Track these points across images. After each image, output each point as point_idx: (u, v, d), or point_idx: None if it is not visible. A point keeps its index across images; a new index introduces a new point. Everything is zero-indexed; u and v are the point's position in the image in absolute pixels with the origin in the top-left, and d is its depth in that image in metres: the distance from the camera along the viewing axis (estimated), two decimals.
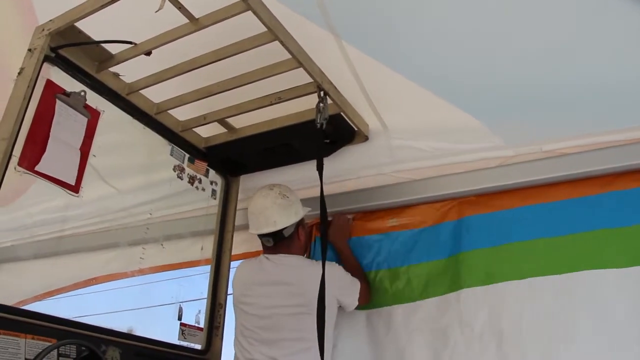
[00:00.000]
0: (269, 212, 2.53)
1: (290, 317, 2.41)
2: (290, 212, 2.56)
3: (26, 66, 2.00)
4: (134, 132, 2.59)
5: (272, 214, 2.53)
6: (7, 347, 1.76)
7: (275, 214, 2.53)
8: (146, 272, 3.15)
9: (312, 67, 2.22)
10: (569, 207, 2.40)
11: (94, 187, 2.85)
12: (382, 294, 2.72)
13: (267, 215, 2.53)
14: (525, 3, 1.97)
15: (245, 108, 2.55)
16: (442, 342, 2.48)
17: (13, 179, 1.92)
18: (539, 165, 2.49)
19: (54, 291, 3.78)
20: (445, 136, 2.62)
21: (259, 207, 2.57)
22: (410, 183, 2.78)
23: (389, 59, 2.28)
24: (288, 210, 2.55)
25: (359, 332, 2.72)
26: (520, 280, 2.40)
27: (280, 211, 2.53)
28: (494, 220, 2.55)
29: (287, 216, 2.54)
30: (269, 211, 2.53)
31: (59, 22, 2.02)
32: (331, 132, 2.53)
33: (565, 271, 2.32)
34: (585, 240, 2.32)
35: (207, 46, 2.19)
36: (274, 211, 2.53)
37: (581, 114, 2.31)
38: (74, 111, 2.15)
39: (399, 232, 2.78)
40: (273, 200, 2.55)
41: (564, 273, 2.32)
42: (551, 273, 2.35)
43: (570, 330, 2.24)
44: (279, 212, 2.53)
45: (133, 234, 3.19)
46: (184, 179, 2.77)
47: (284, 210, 2.54)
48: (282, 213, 2.53)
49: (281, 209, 2.54)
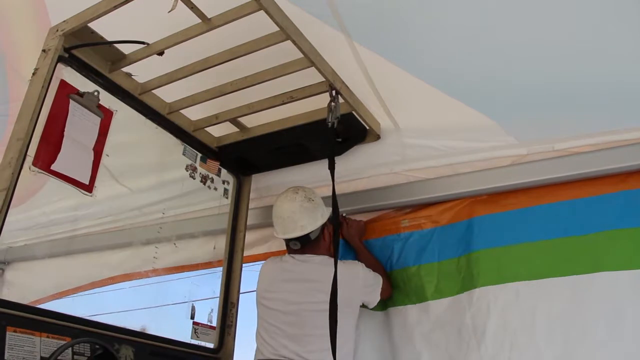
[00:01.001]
0: (297, 216, 2.54)
1: (316, 314, 2.40)
2: (317, 216, 2.57)
3: (40, 67, 2.01)
4: (147, 132, 2.61)
5: (300, 218, 2.54)
6: (23, 345, 1.77)
7: (303, 218, 2.54)
8: (160, 273, 3.17)
9: (324, 66, 2.22)
10: (581, 207, 2.37)
11: (107, 187, 2.87)
12: (396, 294, 2.72)
13: (295, 219, 2.54)
14: (540, 2, 1.96)
15: (257, 107, 2.56)
16: (455, 343, 2.47)
17: (27, 179, 1.94)
18: (551, 164, 2.46)
19: (68, 290, 3.81)
20: (457, 135, 2.60)
21: (286, 211, 2.57)
22: (422, 182, 2.77)
23: (401, 58, 2.28)
24: (315, 214, 2.57)
25: (375, 332, 2.72)
26: (532, 281, 2.38)
27: (307, 215, 2.55)
28: (506, 219, 2.53)
29: (314, 219, 2.56)
30: (297, 215, 2.54)
31: (73, 22, 2.03)
32: (343, 131, 2.54)
33: (579, 272, 2.29)
34: (598, 240, 2.29)
35: (220, 46, 2.19)
36: (301, 215, 2.54)
37: (594, 112, 2.30)
38: (87, 111, 2.16)
39: (411, 232, 2.77)
40: (300, 204, 2.55)
41: (577, 274, 2.29)
42: (565, 274, 2.32)
43: (584, 332, 2.22)
44: (306, 216, 2.54)
45: (146, 233, 3.22)
46: (196, 179, 2.78)
47: (311, 213, 2.56)
48: (310, 216, 2.55)
49: (308, 212, 2.55)
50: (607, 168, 2.35)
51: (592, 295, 2.25)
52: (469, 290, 2.50)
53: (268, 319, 2.52)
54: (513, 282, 2.42)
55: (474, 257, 2.53)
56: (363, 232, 2.88)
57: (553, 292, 2.32)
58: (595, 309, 2.22)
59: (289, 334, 2.44)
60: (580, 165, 2.40)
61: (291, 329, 2.44)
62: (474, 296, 2.48)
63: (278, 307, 2.51)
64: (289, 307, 2.48)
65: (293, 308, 2.47)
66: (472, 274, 2.51)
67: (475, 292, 2.48)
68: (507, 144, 2.54)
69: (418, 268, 2.69)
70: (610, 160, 2.34)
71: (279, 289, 2.55)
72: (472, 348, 2.41)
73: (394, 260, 2.78)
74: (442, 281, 2.61)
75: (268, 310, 2.54)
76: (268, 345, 2.46)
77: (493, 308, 2.42)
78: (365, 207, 2.89)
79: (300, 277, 2.53)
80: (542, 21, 2.00)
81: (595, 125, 2.35)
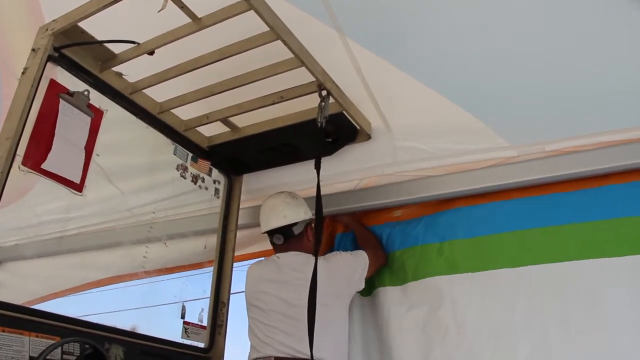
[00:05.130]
0: (279, 208, 2.63)
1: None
2: (299, 210, 2.65)
3: (30, 66, 2.01)
4: (137, 132, 2.61)
5: (283, 209, 2.63)
6: (12, 345, 1.77)
7: (285, 209, 2.62)
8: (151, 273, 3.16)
9: (314, 66, 2.23)
10: (565, 199, 2.42)
11: (97, 186, 2.86)
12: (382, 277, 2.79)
13: (277, 211, 2.63)
14: (530, 4, 1.97)
15: (248, 107, 2.56)
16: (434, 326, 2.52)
17: (17, 178, 1.93)
18: (541, 165, 2.48)
19: (59, 292, 3.79)
20: (449, 137, 2.62)
21: (269, 206, 2.68)
22: (412, 182, 2.78)
23: (395, 57, 2.29)
24: (297, 208, 2.65)
25: (362, 313, 2.81)
26: (513, 269, 2.43)
27: (290, 208, 2.63)
28: (489, 209, 2.58)
29: (296, 212, 2.63)
30: (279, 207, 2.64)
31: (63, 22, 2.03)
32: (333, 131, 2.55)
33: (559, 260, 2.34)
34: (580, 230, 2.35)
35: (210, 45, 2.20)
36: (284, 207, 2.63)
37: (584, 114, 2.32)
38: (77, 110, 2.16)
39: (401, 221, 2.84)
40: (283, 199, 2.67)
41: (557, 262, 2.34)
42: (545, 262, 2.37)
43: (564, 318, 2.26)
44: (288, 208, 2.63)
45: (136, 233, 3.20)
46: (187, 178, 2.79)
47: (293, 207, 2.64)
48: (292, 209, 2.63)
49: (291, 206, 2.64)
50: (596, 168, 2.37)
51: (572, 283, 2.29)
52: (449, 274, 2.55)
53: (261, 319, 2.53)
54: (493, 270, 2.46)
55: (457, 244, 2.59)
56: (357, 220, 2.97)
57: (533, 280, 2.37)
58: (575, 296, 2.26)
59: (284, 331, 2.45)
60: (569, 166, 2.42)
61: (286, 326, 2.46)
62: (454, 281, 2.53)
63: (271, 307, 2.52)
64: (281, 305, 2.50)
65: (285, 306, 2.49)
66: (455, 260, 2.57)
67: (455, 277, 2.53)
68: (497, 146, 2.56)
69: (401, 252, 2.76)
70: (599, 160, 2.36)
71: (269, 289, 2.56)
72: (450, 333, 2.45)
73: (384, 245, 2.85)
74: (421, 264, 2.66)
75: (260, 311, 2.55)
76: (264, 343, 2.48)
77: (474, 294, 2.47)
78: (356, 206, 2.90)
79: (287, 275, 2.55)
80: (534, 25, 2.04)
81: (585, 127, 2.37)
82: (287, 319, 2.47)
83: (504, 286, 2.42)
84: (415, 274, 2.67)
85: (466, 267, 2.53)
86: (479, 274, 2.49)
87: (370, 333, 2.76)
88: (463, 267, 2.54)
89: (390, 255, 2.80)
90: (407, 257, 2.73)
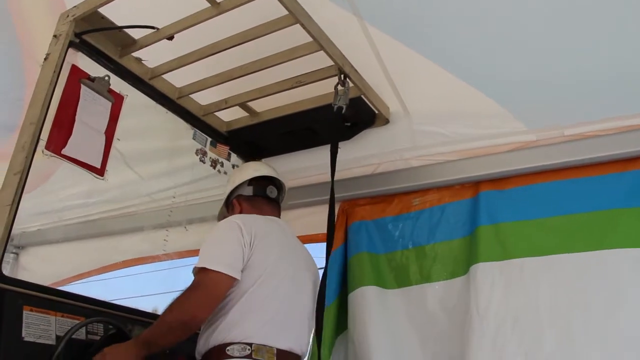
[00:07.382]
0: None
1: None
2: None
3: (52, 52, 2.04)
4: (157, 117, 2.64)
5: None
6: (39, 324, 1.82)
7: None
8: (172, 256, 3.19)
9: (332, 50, 2.23)
10: (586, 186, 2.38)
11: (118, 171, 2.90)
12: (410, 274, 2.71)
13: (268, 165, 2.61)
14: None
15: (267, 92, 2.57)
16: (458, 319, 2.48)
17: (40, 163, 1.97)
18: (560, 149, 2.46)
19: (80, 275, 3.85)
20: (467, 121, 2.61)
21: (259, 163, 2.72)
22: (430, 166, 2.76)
23: (413, 41, 2.27)
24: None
25: (393, 312, 2.69)
26: (537, 257, 2.38)
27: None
28: (512, 196, 2.54)
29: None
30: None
31: (83, 8, 2.05)
32: (351, 116, 2.54)
33: (583, 249, 2.30)
34: (604, 218, 2.30)
35: (229, 30, 2.20)
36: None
37: (603, 99, 2.30)
38: (98, 96, 2.19)
39: (421, 210, 2.77)
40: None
41: (582, 251, 2.30)
42: (569, 251, 2.32)
43: (588, 309, 2.22)
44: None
45: (157, 217, 3.24)
46: (206, 163, 2.81)
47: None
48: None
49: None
50: (617, 152, 2.34)
51: (596, 273, 2.24)
52: (473, 264, 2.49)
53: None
54: (517, 258, 2.42)
55: (479, 231, 2.53)
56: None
57: (558, 269, 2.32)
58: (599, 286, 2.22)
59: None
60: (589, 150, 2.39)
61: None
62: (477, 271, 2.47)
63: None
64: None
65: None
66: (477, 249, 2.51)
67: (479, 266, 2.46)
68: (516, 130, 2.54)
69: (432, 246, 2.69)
70: (620, 144, 2.34)
71: (288, 262, 2.37)
72: (474, 324, 2.40)
73: (407, 239, 2.77)
74: (454, 259, 2.61)
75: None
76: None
77: (497, 283, 2.41)
78: (373, 191, 2.89)
79: (299, 251, 2.43)
80: (555, 9, 2.01)
81: (604, 111, 2.35)
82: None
83: (529, 275, 2.37)
84: (444, 272, 2.61)
85: (488, 257, 2.47)
86: (502, 263, 2.44)
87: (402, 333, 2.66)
88: (485, 256, 2.47)
89: (419, 249, 2.73)
90: (440, 253, 2.65)
